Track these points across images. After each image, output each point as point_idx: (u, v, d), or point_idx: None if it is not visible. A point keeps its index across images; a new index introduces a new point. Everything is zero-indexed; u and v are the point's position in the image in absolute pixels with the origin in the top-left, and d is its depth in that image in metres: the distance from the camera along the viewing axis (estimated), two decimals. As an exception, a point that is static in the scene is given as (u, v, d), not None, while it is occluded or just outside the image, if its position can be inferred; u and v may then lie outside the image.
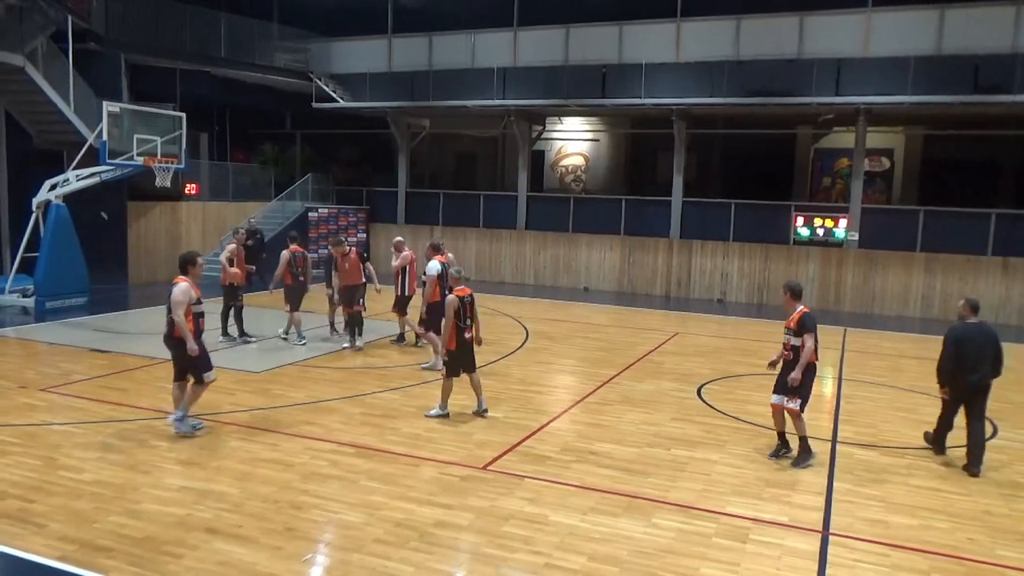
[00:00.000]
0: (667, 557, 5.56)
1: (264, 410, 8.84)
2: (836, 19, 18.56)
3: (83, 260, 15.42)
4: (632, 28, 20.27)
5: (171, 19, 20.21)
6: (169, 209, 20.33)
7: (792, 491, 6.93)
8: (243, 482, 6.66)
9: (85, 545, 5.43)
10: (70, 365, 10.70)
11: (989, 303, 17.90)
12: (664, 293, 20.76)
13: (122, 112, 14.95)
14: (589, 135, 25.83)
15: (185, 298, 7.74)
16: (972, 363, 7.65)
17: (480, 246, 22.98)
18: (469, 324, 8.75)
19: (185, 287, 7.80)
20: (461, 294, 8.70)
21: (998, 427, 9.34)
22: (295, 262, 12.48)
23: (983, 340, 7.72)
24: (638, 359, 12.46)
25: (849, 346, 14.22)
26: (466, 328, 8.70)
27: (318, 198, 24.54)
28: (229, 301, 12.53)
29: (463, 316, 8.64)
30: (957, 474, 7.59)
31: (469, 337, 8.78)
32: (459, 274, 9.10)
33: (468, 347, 8.80)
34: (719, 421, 9.10)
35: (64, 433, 7.86)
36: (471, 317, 8.78)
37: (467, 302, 8.73)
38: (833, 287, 19.25)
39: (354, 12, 23.34)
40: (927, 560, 5.71)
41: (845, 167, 21.89)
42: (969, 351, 7.66)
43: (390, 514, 6.10)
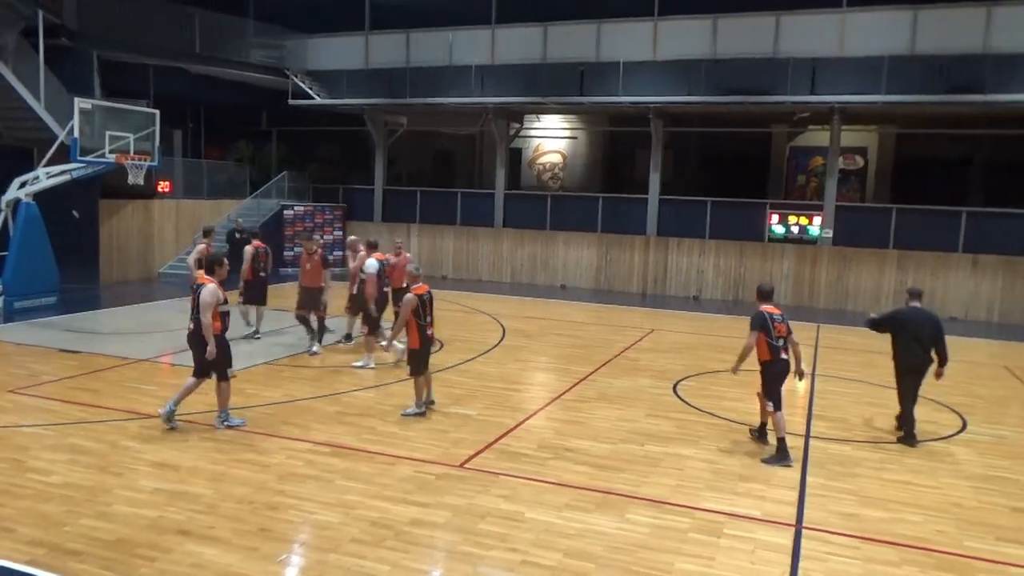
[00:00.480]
0: (642, 552, 5.59)
1: (239, 409, 8.75)
2: (811, 19, 18.73)
3: (53, 259, 15.18)
4: (610, 26, 20.32)
5: (145, 15, 19.94)
6: (142, 207, 20.08)
7: (766, 486, 7.00)
8: (217, 483, 6.60)
9: (55, 549, 5.36)
10: (39, 366, 10.53)
11: (959, 299, 18.23)
12: (641, 290, 20.86)
13: (94, 109, 14.73)
14: (567, 133, 25.88)
15: (214, 299, 7.79)
16: (907, 345, 8.44)
17: (458, 244, 22.95)
18: (429, 321, 8.72)
19: (213, 288, 7.84)
20: (420, 292, 8.59)
21: (967, 421, 9.49)
22: (258, 257, 12.35)
23: (922, 322, 8.47)
24: (614, 356, 12.51)
25: (822, 342, 14.38)
26: (427, 325, 8.66)
27: (294, 196, 24.36)
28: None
29: (423, 314, 8.56)
30: (928, 467, 7.71)
31: (430, 334, 8.78)
32: (417, 271, 8.98)
33: (429, 345, 8.79)
34: (694, 417, 9.16)
35: (33, 435, 7.74)
36: (430, 314, 8.73)
37: (426, 300, 8.66)
38: (807, 284, 19.45)
39: (331, 8, 23.17)
40: (898, 552, 5.79)
41: (819, 165, 22.12)
42: (907, 331, 8.46)
43: (366, 513, 6.08)
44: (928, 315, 8.64)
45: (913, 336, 8.43)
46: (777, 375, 7.80)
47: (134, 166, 15.12)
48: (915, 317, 8.54)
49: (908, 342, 8.47)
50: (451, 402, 9.38)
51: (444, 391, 9.86)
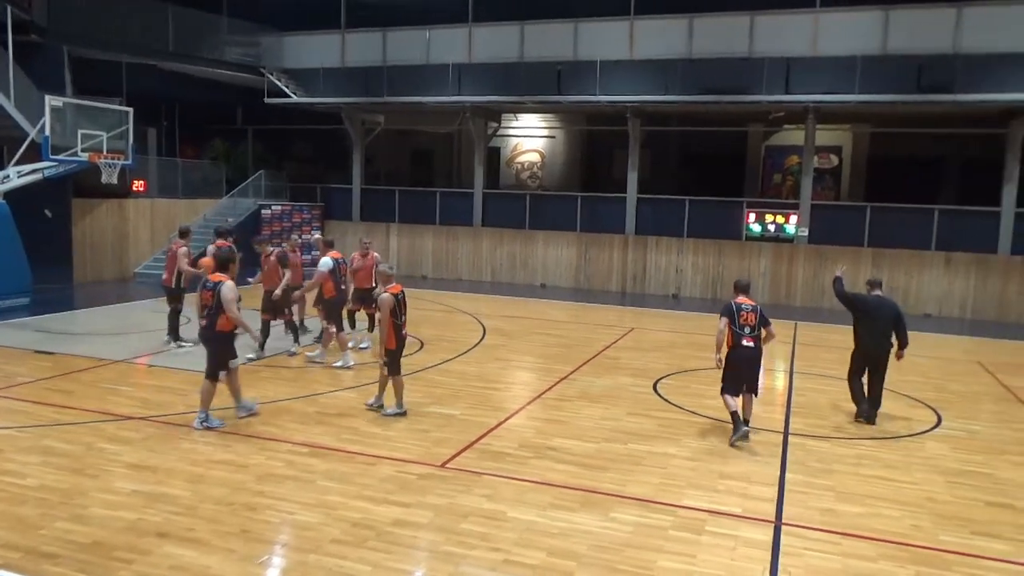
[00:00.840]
0: (625, 551, 5.61)
1: (216, 411, 8.66)
2: (785, 19, 18.91)
3: (26, 259, 14.94)
4: (587, 25, 20.38)
5: (116, 11, 19.63)
6: (116, 206, 19.80)
7: (747, 483, 7.06)
8: (196, 484, 6.53)
9: (30, 552, 5.27)
10: (12, 367, 10.36)
11: (933, 296, 18.51)
12: (620, 289, 20.95)
13: (65, 106, 14.54)
14: (545, 132, 25.90)
15: (235, 294, 8.02)
16: (868, 331, 9.06)
17: (437, 243, 22.89)
18: (404, 321, 8.71)
19: (232, 284, 8.06)
20: (395, 291, 8.53)
21: (942, 417, 9.64)
22: None
23: (883, 310, 9.10)
24: (595, 355, 12.55)
25: (800, 339, 14.52)
26: (402, 324, 8.65)
27: (271, 195, 24.16)
28: (175, 303, 11.93)
29: (399, 313, 8.55)
30: (904, 463, 7.82)
31: (405, 334, 8.79)
32: (390, 271, 8.95)
33: (403, 344, 8.77)
34: (675, 415, 9.21)
35: (6, 437, 7.61)
36: (404, 314, 8.71)
37: (400, 299, 8.61)
38: (784, 282, 19.64)
39: (306, 6, 22.97)
40: (875, 547, 5.87)
41: (795, 164, 22.33)
42: (869, 316, 9.07)
43: (347, 514, 6.05)
44: (890, 303, 9.30)
45: (876, 323, 9.05)
46: (731, 361, 8.20)
47: (107, 165, 14.93)
48: (879, 306, 9.16)
49: (870, 328, 9.08)
50: (432, 401, 9.35)
51: (425, 391, 9.84)
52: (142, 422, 8.17)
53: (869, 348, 9.08)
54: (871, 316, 9.08)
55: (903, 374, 11.97)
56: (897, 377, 11.65)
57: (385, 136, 25.22)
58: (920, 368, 12.59)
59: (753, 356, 8.15)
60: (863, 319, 9.14)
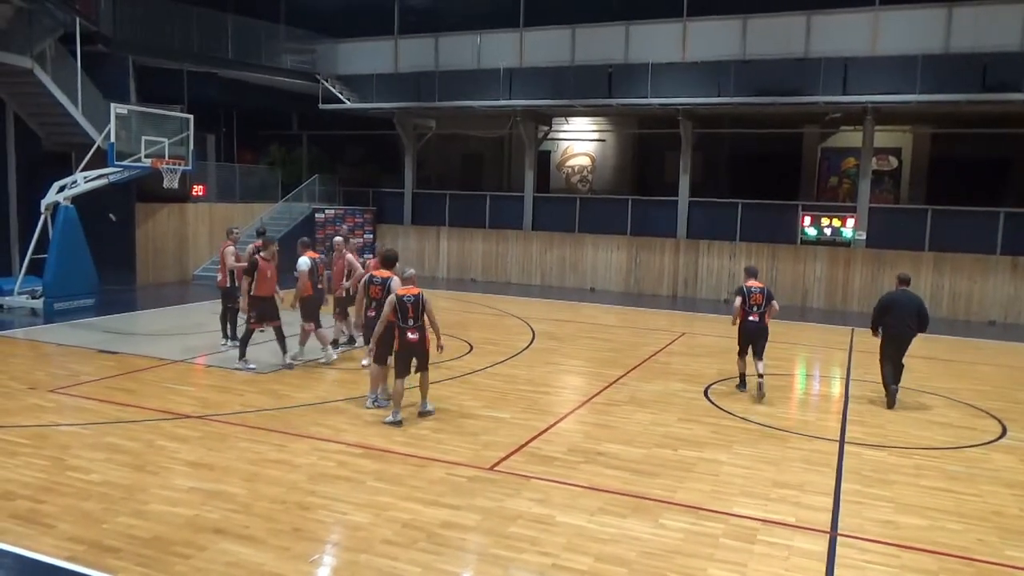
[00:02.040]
0: (675, 558, 5.55)
1: (271, 411, 8.86)
2: (843, 18, 18.51)
3: (91, 261, 15.47)
4: (638, 28, 20.25)
5: (178, 21, 20.27)
6: (177, 210, 20.39)
7: (800, 492, 6.91)
8: (251, 483, 6.68)
9: (93, 545, 5.45)
10: (78, 366, 10.75)
11: (998, 302, 17.87)
12: (671, 293, 20.73)
13: (130, 114, 14.99)
14: (595, 135, 25.81)
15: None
16: (896, 320, 9.86)
17: (487, 247, 22.98)
18: (412, 324, 8.31)
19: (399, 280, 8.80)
20: (402, 293, 8.34)
21: (1007, 427, 9.29)
22: None
23: (907, 302, 9.89)
24: (645, 359, 12.44)
25: (857, 346, 14.15)
26: (408, 328, 8.28)
27: (324, 199, 24.59)
28: (227, 303, 12.08)
29: (404, 316, 8.28)
30: (968, 475, 7.56)
31: (413, 338, 8.33)
32: (404, 274, 8.83)
33: (410, 349, 8.40)
34: (727, 422, 9.07)
35: (72, 434, 7.90)
36: (414, 317, 8.31)
37: (409, 302, 8.29)
38: (840, 287, 19.19)
39: (360, 13, 23.37)
40: (936, 561, 5.68)
41: (852, 166, 21.81)
42: (895, 311, 9.89)
43: (397, 515, 6.11)
44: (914, 297, 10.04)
45: (900, 313, 9.85)
46: (742, 332, 10.24)
47: (169, 170, 15.36)
48: (902, 299, 9.94)
49: (894, 318, 9.88)
50: (482, 405, 9.39)
51: (474, 394, 9.89)
52: (200, 421, 8.39)
53: (893, 332, 9.87)
54: (894, 308, 9.91)
55: (966, 382, 11.61)
56: (959, 385, 11.32)
57: (436, 140, 25.45)
58: (985, 376, 12.17)
59: (759, 328, 10.11)
60: (890, 310, 9.94)
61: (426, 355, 8.58)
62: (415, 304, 8.32)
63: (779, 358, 13.10)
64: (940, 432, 8.96)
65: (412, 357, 8.48)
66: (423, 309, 8.38)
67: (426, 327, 8.46)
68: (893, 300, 10.02)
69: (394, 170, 25.68)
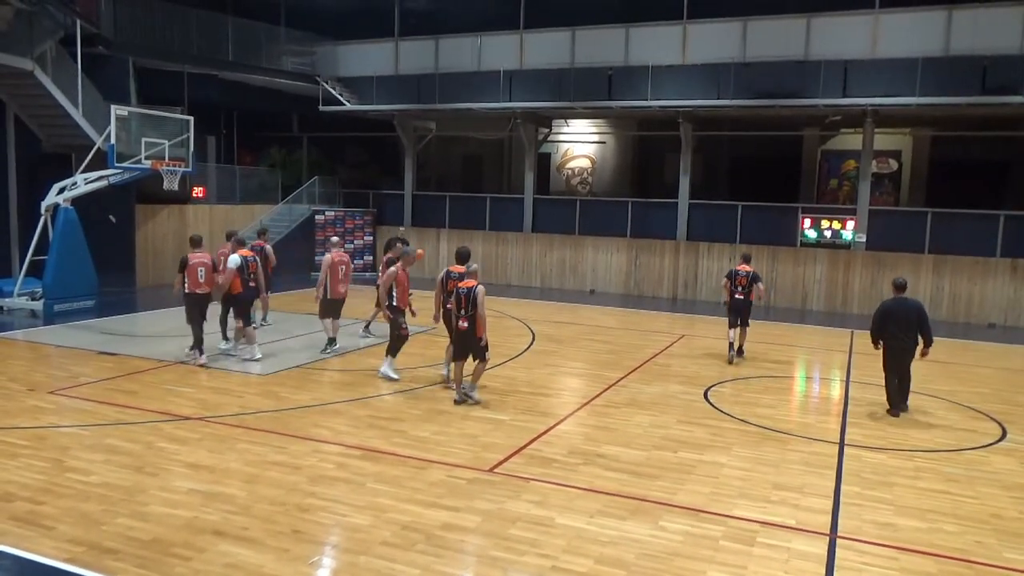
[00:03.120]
0: (674, 560, 5.55)
1: (271, 412, 8.86)
2: (843, 20, 18.53)
3: (91, 263, 15.48)
4: (638, 30, 20.27)
5: (179, 23, 20.31)
6: (177, 212, 20.40)
7: (800, 494, 6.91)
8: (250, 484, 6.68)
9: (93, 547, 5.45)
10: (78, 368, 10.75)
11: (997, 305, 17.87)
12: (671, 295, 20.73)
13: (130, 115, 15.01)
14: (595, 137, 25.83)
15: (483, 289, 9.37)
16: (896, 331, 9.48)
17: (487, 248, 22.99)
18: (463, 314, 9.18)
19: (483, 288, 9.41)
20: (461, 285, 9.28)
21: (1007, 430, 9.30)
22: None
23: (903, 311, 9.53)
24: (645, 361, 12.44)
25: (857, 348, 14.16)
26: (460, 317, 9.20)
27: (325, 201, 24.60)
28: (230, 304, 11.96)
29: (458, 305, 9.21)
30: (967, 477, 7.56)
31: (463, 326, 9.23)
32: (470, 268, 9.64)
33: (462, 336, 9.32)
34: (726, 424, 9.08)
35: (72, 435, 7.90)
36: (466, 308, 9.17)
37: (463, 293, 9.20)
38: (840, 289, 19.19)
39: (361, 15, 23.40)
40: (936, 563, 5.68)
41: (852, 169, 21.82)
42: (893, 320, 9.52)
43: (397, 516, 6.11)
44: (912, 305, 9.66)
45: (897, 324, 9.49)
46: (730, 307, 12.46)
47: (169, 172, 15.37)
48: (897, 308, 9.57)
49: (892, 330, 9.51)
50: (481, 407, 9.39)
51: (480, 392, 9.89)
52: (199, 422, 8.39)
53: (893, 345, 9.54)
54: (891, 317, 9.55)
55: (965, 384, 11.61)
56: (959, 388, 11.32)
57: (436, 142, 25.47)
58: (984, 379, 12.18)
59: (743, 304, 12.37)
60: (888, 320, 9.58)
61: (477, 343, 9.30)
62: (467, 296, 9.19)
63: (779, 360, 13.13)
64: (940, 434, 8.96)
65: (464, 344, 9.36)
66: (474, 302, 9.13)
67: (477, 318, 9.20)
68: (887, 311, 9.64)
69: (394, 172, 25.70)
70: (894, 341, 9.52)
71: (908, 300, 9.72)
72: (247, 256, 11.44)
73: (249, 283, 11.37)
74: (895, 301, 9.67)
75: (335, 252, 12.21)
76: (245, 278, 11.26)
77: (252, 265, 11.48)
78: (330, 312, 12.13)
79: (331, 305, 12.09)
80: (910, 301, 9.74)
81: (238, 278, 11.17)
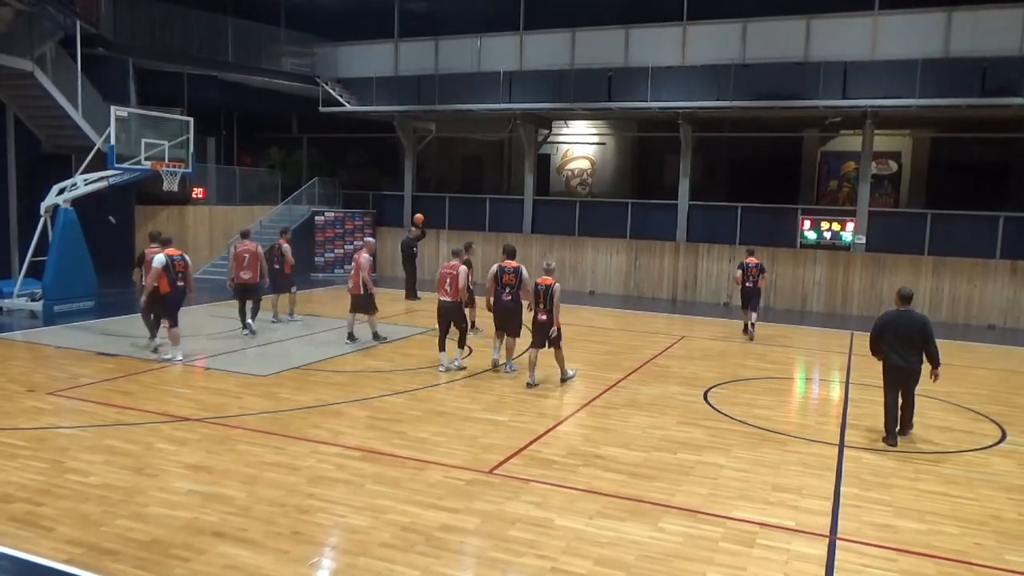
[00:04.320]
0: (673, 561, 5.55)
1: (270, 413, 8.86)
2: (842, 22, 18.53)
3: (91, 264, 15.47)
4: (638, 32, 20.27)
5: (179, 24, 20.32)
6: (176, 213, 20.41)
7: (799, 495, 6.91)
8: (250, 485, 6.67)
9: (92, 548, 5.45)
10: (78, 368, 10.75)
11: (997, 307, 17.87)
12: (670, 296, 20.73)
13: (130, 116, 15.01)
14: (595, 139, 25.84)
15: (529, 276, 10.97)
16: (895, 344, 8.49)
17: (486, 249, 22.91)
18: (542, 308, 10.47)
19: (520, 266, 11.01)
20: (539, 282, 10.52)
21: (1006, 431, 9.30)
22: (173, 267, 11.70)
23: (907, 327, 8.48)
24: (644, 363, 12.44)
25: (856, 350, 14.15)
26: (539, 311, 10.46)
27: (324, 202, 24.60)
28: (247, 296, 13.51)
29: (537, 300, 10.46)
30: (966, 479, 7.56)
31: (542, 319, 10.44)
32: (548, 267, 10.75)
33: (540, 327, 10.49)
34: (726, 425, 9.07)
35: (71, 436, 7.90)
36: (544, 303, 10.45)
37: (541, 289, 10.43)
38: (840, 290, 19.19)
39: (361, 16, 23.41)
40: (935, 565, 5.68)
41: (852, 170, 21.83)
42: (893, 332, 8.50)
43: (396, 518, 6.11)
44: (916, 319, 8.58)
45: (897, 339, 8.46)
46: (743, 294, 14.83)
47: (169, 173, 15.37)
48: (899, 321, 8.53)
49: (891, 343, 8.51)
50: (480, 408, 9.39)
51: (473, 397, 9.90)
52: (199, 423, 8.39)
53: (893, 364, 8.51)
54: (891, 330, 8.52)
55: (965, 386, 11.60)
56: (958, 389, 11.31)
57: (436, 143, 25.47)
58: (984, 380, 12.18)
59: (754, 290, 14.66)
60: (886, 331, 8.58)
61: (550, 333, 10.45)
62: (545, 292, 10.38)
63: (779, 361, 13.14)
64: (939, 436, 8.95)
65: (542, 334, 10.41)
66: (551, 297, 10.32)
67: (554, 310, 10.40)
68: (887, 323, 8.60)
69: (394, 173, 25.70)
70: (893, 356, 8.51)
71: (913, 313, 8.66)
72: (173, 255, 11.33)
73: (176, 282, 11.27)
74: (898, 313, 8.63)
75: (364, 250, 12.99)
76: (172, 277, 11.20)
77: (179, 264, 11.36)
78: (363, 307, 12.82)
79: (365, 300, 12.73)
80: (915, 314, 8.66)
81: (165, 277, 11.14)
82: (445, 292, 11.18)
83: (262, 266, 13.64)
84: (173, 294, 11.27)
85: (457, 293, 11.14)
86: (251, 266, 13.43)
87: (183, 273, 11.38)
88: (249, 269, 13.42)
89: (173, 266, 11.23)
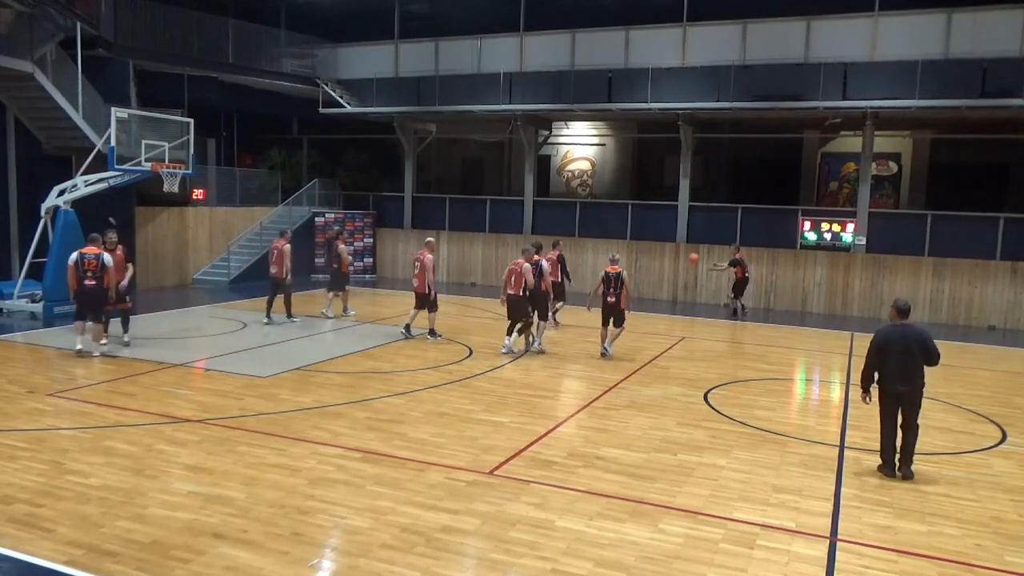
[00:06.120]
0: (674, 563, 5.54)
1: (271, 415, 8.86)
2: (843, 23, 18.56)
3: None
4: (638, 33, 20.29)
5: (179, 25, 20.31)
6: (177, 214, 20.41)
7: (799, 496, 6.90)
8: (250, 487, 6.67)
9: (92, 550, 5.45)
10: (78, 370, 10.75)
11: (998, 308, 17.87)
12: (671, 298, 20.74)
13: (130, 118, 15.02)
14: (595, 140, 25.84)
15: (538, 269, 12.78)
16: (898, 369, 7.45)
17: (486, 251, 22.99)
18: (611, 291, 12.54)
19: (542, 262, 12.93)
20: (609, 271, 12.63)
21: (1007, 433, 9.29)
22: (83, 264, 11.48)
23: (904, 341, 7.46)
24: (645, 364, 12.44)
25: (856, 351, 14.15)
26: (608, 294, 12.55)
27: (325, 203, 24.61)
28: (278, 290, 14.77)
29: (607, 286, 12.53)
30: (966, 480, 7.55)
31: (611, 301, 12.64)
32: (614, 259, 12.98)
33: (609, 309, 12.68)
34: (726, 426, 9.07)
35: (72, 438, 7.89)
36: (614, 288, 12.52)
37: (612, 277, 12.52)
38: (840, 291, 19.19)
39: (361, 18, 23.43)
40: (936, 566, 5.68)
41: (852, 171, 21.83)
42: (891, 355, 7.46)
43: (396, 519, 6.10)
44: (914, 333, 7.52)
45: (895, 357, 7.46)
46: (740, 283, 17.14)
47: (169, 174, 15.37)
48: (896, 337, 7.51)
49: (887, 362, 7.51)
50: (481, 409, 9.39)
51: (474, 398, 9.90)
52: (199, 425, 8.39)
53: (890, 385, 7.52)
54: (888, 348, 7.52)
55: (965, 387, 11.61)
56: (959, 390, 11.32)
57: (436, 144, 25.47)
58: (984, 382, 12.18)
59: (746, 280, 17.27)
60: (885, 355, 7.54)
61: (620, 313, 12.69)
62: (616, 279, 12.55)
63: (778, 362, 13.13)
64: (939, 437, 8.95)
65: (611, 314, 12.65)
66: (621, 283, 12.53)
67: (623, 295, 12.54)
68: (884, 339, 7.57)
69: (394, 174, 25.70)
70: (888, 375, 7.50)
71: (910, 327, 7.62)
72: (86, 253, 11.37)
73: (84, 280, 11.29)
74: (891, 328, 7.64)
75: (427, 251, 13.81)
76: (80, 275, 11.27)
77: (89, 263, 11.33)
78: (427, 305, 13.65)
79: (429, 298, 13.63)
80: (913, 329, 7.61)
81: (74, 274, 11.27)
82: (511, 287, 12.59)
83: (286, 263, 14.66)
84: (81, 292, 11.36)
85: (519, 287, 12.53)
86: (277, 261, 14.67)
87: (93, 272, 11.36)
88: (276, 264, 14.69)
89: (83, 264, 11.27)
